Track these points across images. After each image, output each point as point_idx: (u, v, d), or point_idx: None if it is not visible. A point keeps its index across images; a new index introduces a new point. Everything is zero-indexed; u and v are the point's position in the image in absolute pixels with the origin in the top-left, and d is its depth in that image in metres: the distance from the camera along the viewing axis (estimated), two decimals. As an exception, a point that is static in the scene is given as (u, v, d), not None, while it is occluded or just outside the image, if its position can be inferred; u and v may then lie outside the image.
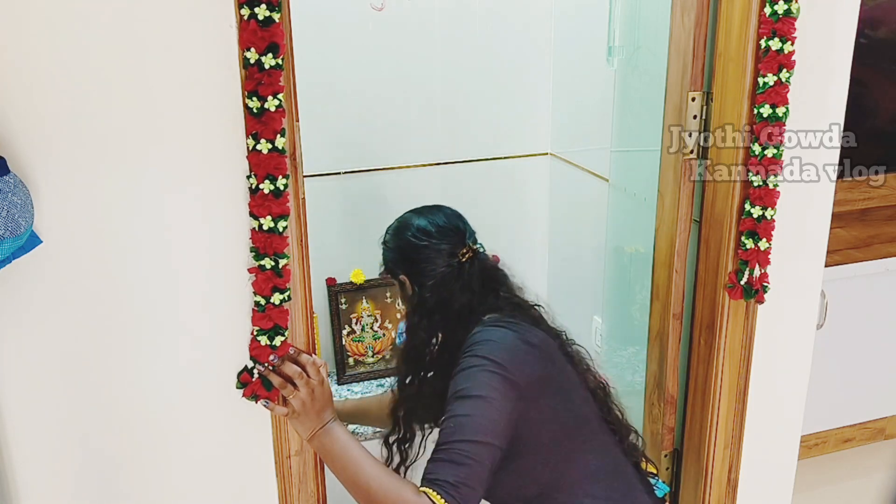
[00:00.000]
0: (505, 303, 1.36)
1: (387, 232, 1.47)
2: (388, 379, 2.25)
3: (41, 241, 1.06)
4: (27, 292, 1.10)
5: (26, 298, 1.10)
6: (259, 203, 1.11)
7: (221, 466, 1.27)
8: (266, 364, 1.20)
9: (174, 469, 1.25)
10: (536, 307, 1.40)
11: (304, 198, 1.19)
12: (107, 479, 1.22)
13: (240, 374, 1.21)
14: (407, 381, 1.43)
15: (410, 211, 1.47)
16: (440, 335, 1.38)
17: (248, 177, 1.11)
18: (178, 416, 1.22)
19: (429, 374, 1.39)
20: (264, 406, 1.22)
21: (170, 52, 1.06)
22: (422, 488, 1.13)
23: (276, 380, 1.21)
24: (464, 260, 1.38)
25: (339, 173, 2.17)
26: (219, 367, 1.21)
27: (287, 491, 1.29)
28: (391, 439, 1.45)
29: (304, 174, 1.19)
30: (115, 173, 1.08)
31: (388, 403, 1.48)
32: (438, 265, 1.37)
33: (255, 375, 1.20)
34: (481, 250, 1.41)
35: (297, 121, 1.15)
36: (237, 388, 1.21)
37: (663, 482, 1.39)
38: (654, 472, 1.41)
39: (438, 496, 1.11)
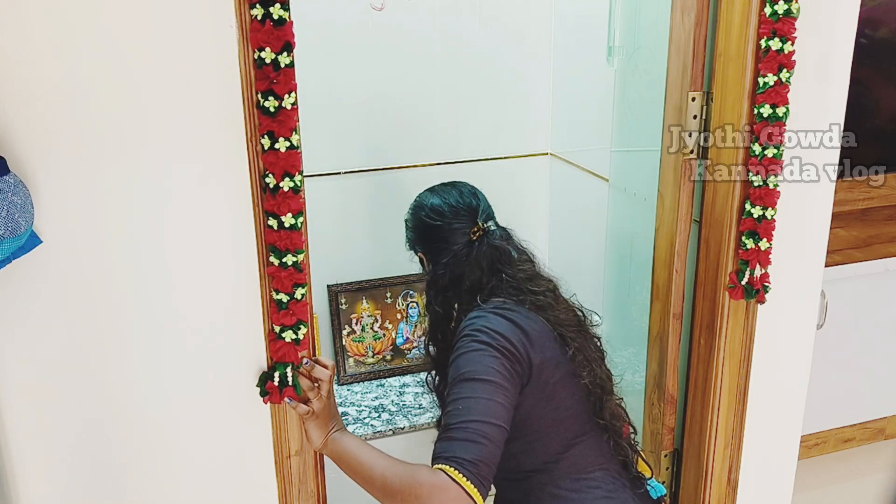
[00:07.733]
0: (507, 286, 1.38)
1: (408, 210, 1.52)
2: (387, 379, 2.25)
3: (41, 241, 1.06)
4: (27, 292, 1.10)
5: (26, 298, 1.10)
6: (280, 201, 1.11)
7: (222, 466, 1.27)
8: (300, 366, 1.21)
9: (174, 469, 1.25)
10: (545, 294, 1.39)
11: (303, 199, 1.19)
12: (107, 479, 1.22)
13: (263, 382, 1.21)
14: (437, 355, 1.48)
15: (427, 189, 1.51)
16: (456, 310, 1.41)
17: (265, 176, 1.10)
18: (178, 416, 1.22)
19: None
20: (288, 403, 1.22)
21: (169, 53, 1.06)
22: (437, 466, 1.11)
23: (306, 383, 1.22)
24: (474, 238, 1.42)
25: (338, 173, 2.17)
26: (219, 366, 1.21)
27: (287, 491, 1.29)
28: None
29: (305, 174, 1.19)
30: (115, 173, 1.08)
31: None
32: (451, 244, 1.42)
33: (278, 380, 1.20)
34: (493, 228, 1.44)
35: (298, 121, 1.15)
36: (261, 395, 1.21)
37: (660, 483, 1.38)
38: (649, 474, 1.40)
39: (457, 472, 1.09)
